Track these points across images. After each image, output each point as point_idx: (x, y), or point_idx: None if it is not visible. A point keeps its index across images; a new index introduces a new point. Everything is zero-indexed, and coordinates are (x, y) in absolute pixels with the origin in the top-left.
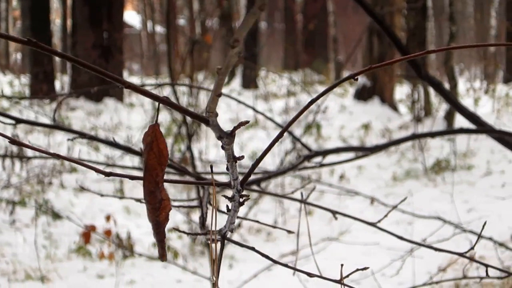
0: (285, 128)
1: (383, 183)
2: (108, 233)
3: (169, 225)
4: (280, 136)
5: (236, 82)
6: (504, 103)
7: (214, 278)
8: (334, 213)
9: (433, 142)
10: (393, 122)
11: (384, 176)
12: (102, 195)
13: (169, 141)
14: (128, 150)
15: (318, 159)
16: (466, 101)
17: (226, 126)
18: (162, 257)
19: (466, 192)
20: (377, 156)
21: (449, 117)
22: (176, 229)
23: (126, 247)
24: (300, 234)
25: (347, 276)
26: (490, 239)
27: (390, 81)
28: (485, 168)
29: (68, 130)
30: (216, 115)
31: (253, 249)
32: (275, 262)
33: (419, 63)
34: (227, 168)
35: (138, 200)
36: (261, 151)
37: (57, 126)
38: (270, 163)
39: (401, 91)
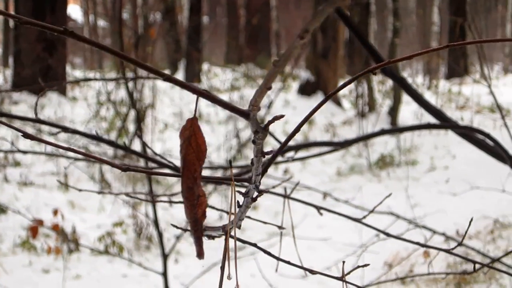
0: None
1: (327, 178)
2: (55, 227)
3: (113, 220)
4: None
5: (179, 76)
6: (446, 99)
7: (230, 276)
8: (318, 208)
9: (377, 138)
10: (337, 117)
11: (328, 171)
12: (80, 190)
13: (112, 135)
14: (109, 143)
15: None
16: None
17: (170, 121)
18: (200, 255)
19: (411, 188)
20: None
21: (393, 113)
22: (184, 230)
23: (71, 242)
24: (247, 228)
25: (349, 273)
26: (443, 234)
27: (334, 76)
28: (429, 163)
29: (51, 124)
30: (259, 109)
31: (255, 245)
32: (277, 259)
33: (383, 59)
34: (251, 163)
35: (125, 194)
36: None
37: (39, 120)
38: (215, 157)
39: None
